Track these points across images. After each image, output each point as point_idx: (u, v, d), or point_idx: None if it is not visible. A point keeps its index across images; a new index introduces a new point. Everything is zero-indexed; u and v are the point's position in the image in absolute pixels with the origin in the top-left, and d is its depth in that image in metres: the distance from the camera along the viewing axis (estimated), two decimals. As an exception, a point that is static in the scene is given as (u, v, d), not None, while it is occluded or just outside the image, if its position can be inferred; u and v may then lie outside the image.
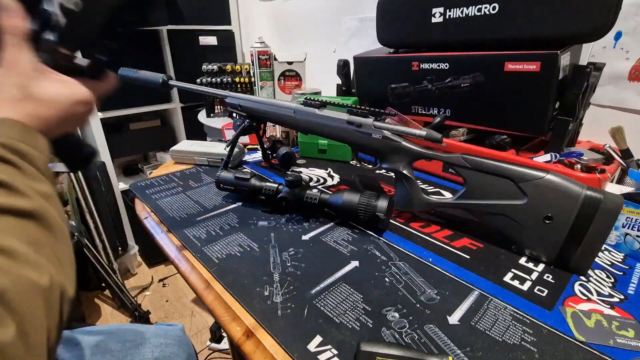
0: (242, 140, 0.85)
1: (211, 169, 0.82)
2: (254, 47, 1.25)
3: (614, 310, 0.42)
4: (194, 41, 1.83)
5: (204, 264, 0.49)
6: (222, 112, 1.55)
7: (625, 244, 0.53)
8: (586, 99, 0.66)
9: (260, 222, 0.59)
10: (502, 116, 0.69)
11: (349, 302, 0.42)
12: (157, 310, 1.58)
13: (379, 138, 0.59)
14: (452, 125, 0.77)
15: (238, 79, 1.53)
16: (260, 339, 0.37)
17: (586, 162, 0.61)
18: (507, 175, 0.49)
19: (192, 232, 0.56)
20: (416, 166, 0.62)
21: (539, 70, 0.61)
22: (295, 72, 1.29)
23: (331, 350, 0.35)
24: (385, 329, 0.38)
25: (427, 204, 0.57)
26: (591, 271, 0.48)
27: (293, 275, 0.46)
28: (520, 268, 0.48)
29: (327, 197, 0.58)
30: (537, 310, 0.41)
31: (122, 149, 1.84)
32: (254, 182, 0.63)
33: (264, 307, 0.41)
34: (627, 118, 0.75)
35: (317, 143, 0.87)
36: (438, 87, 0.75)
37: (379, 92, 0.85)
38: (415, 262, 0.49)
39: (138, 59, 1.71)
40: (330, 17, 1.39)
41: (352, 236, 0.55)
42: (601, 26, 0.56)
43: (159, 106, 1.86)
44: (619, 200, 0.43)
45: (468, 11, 0.68)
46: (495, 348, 0.36)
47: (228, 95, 0.74)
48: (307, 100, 0.66)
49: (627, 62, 0.73)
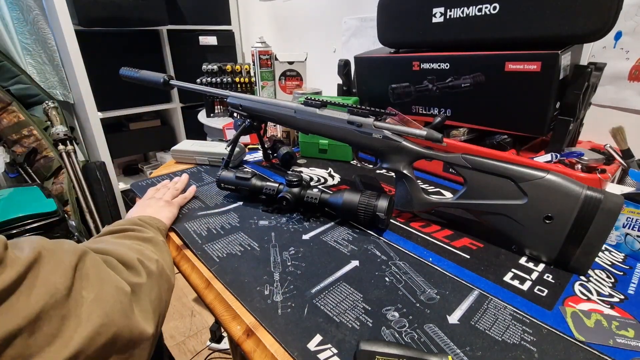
0: (243, 140, 0.85)
1: (212, 168, 0.82)
2: (255, 47, 1.25)
3: (614, 310, 0.42)
4: (194, 41, 1.84)
5: (205, 263, 0.49)
6: (222, 112, 1.55)
7: (625, 244, 0.53)
8: (587, 99, 0.66)
9: (261, 222, 0.59)
10: (503, 116, 0.69)
11: (349, 301, 0.42)
12: (157, 310, 1.58)
13: (380, 138, 0.59)
14: (453, 125, 0.77)
15: (238, 79, 1.53)
16: (260, 338, 0.37)
17: (587, 162, 0.61)
18: (508, 175, 0.49)
19: (192, 227, 0.57)
20: (416, 166, 0.62)
21: (539, 70, 0.61)
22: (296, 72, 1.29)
23: (331, 349, 0.35)
24: (385, 328, 0.38)
25: (427, 204, 0.57)
26: (591, 271, 0.48)
27: (293, 275, 0.46)
28: (520, 268, 0.48)
29: (327, 197, 0.58)
30: (537, 310, 0.41)
31: (122, 149, 1.85)
32: (254, 182, 0.63)
33: (264, 306, 0.41)
34: (628, 118, 0.75)
35: (318, 143, 0.87)
36: (438, 87, 0.75)
37: (380, 92, 0.85)
38: (415, 262, 0.49)
39: (138, 59, 1.72)
40: (330, 17, 1.39)
41: (352, 236, 0.55)
42: (601, 26, 0.56)
43: (159, 106, 1.86)
44: (620, 200, 0.43)
45: (469, 11, 0.68)
46: (495, 348, 0.36)
47: (229, 95, 0.74)
48: (307, 100, 0.66)
49: (627, 62, 0.73)
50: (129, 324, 0.32)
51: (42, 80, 1.63)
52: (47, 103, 1.57)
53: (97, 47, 1.58)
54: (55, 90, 1.67)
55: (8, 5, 1.49)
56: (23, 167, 1.51)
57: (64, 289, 0.27)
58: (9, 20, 1.50)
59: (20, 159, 1.50)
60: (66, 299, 0.27)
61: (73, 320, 0.27)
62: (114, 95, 1.67)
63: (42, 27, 1.57)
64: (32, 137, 1.54)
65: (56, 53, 1.62)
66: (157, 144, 2.00)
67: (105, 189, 1.65)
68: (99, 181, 1.64)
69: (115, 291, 0.32)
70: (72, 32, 1.45)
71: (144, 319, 0.35)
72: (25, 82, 1.56)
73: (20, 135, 1.53)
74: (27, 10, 1.53)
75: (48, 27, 1.58)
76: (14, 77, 1.54)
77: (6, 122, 1.51)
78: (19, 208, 1.16)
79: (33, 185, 1.38)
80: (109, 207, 1.67)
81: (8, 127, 1.52)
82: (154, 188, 0.67)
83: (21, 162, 1.50)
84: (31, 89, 1.58)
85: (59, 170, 1.58)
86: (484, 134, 0.74)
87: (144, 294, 0.37)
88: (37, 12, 1.54)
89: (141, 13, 1.55)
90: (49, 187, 1.52)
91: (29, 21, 1.54)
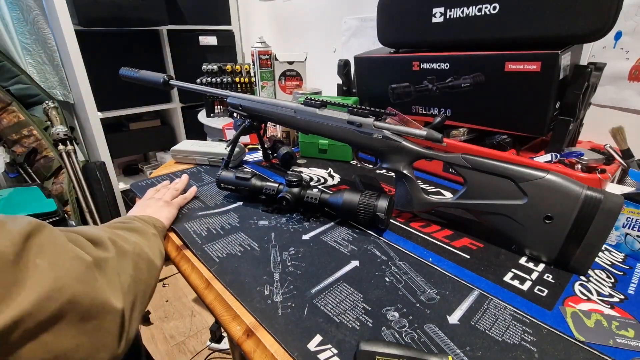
0: (243, 140, 0.85)
1: (212, 168, 0.82)
2: (255, 47, 1.25)
3: (614, 310, 0.42)
4: (194, 41, 1.83)
5: (205, 263, 0.49)
6: (222, 112, 1.55)
7: (625, 244, 0.53)
8: (587, 99, 0.66)
9: (261, 222, 0.59)
10: (503, 116, 0.69)
11: (349, 301, 0.42)
12: (157, 310, 1.58)
13: (380, 138, 0.59)
14: (453, 125, 0.77)
15: (238, 79, 1.53)
16: (260, 338, 0.37)
17: (587, 162, 0.61)
18: (508, 175, 0.49)
19: (192, 227, 0.57)
20: (416, 166, 0.62)
21: (539, 70, 0.61)
22: (295, 72, 1.29)
23: (331, 349, 0.35)
24: (385, 329, 0.38)
25: (427, 204, 0.57)
26: (591, 271, 0.48)
27: (293, 275, 0.46)
28: (520, 268, 0.48)
29: (327, 197, 0.58)
30: (537, 310, 0.41)
31: (122, 149, 1.84)
32: (254, 182, 0.63)
33: (264, 306, 0.41)
34: (628, 118, 0.75)
35: (318, 143, 0.87)
36: (438, 87, 0.75)
37: (380, 92, 0.85)
38: (415, 262, 0.49)
39: (138, 59, 1.72)
40: (330, 17, 1.39)
41: (352, 236, 0.55)
42: (601, 26, 0.56)
43: (159, 106, 1.86)
44: (619, 200, 0.43)
45: (469, 11, 0.68)
46: (495, 348, 0.36)
47: (229, 95, 0.74)
48: (307, 100, 0.66)
49: (627, 62, 0.73)
50: (88, 291, 0.32)
51: (42, 80, 1.63)
52: (47, 103, 1.57)
53: (97, 47, 1.58)
54: (55, 90, 1.67)
55: (8, 5, 1.49)
56: (23, 167, 1.51)
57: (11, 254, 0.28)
58: (9, 20, 1.50)
59: (20, 159, 1.50)
60: (14, 265, 0.28)
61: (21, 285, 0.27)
62: (114, 95, 1.67)
63: (42, 27, 1.57)
64: (32, 137, 1.54)
65: (56, 53, 1.62)
66: (157, 144, 2.00)
67: (105, 189, 1.65)
68: (99, 181, 1.63)
69: (72, 259, 0.32)
70: (72, 32, 1.45)
71: (110, 291, 0.34)
72: (25, 82, 1.56)
73: (20, 135, 1.53)
74: (27, 10, 1.53)
75: (48, 27, 1.58)
76: (14, 77, 1.54)
77: (6, 122, 1.51)
78: (19, 208, 1.17)
79: (33, 185, 1.38)
80: (109, 207, 1.67)
81: (8, 127, 1.52)
82: (153, 189, 0.67)
83: (21, 162, 1.50)
84: (31, 89, 1.58)
85: (59, 170, 1.58)
86: (484, 134, 0.74)
87: (111, 268, 0.36)
88: (37, 12, 1.54)
89: (141, 13, 1.55)
90: (49, 187, 1.52)
91: (29, 21, 1.54)
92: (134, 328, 0.37)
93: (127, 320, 0.36)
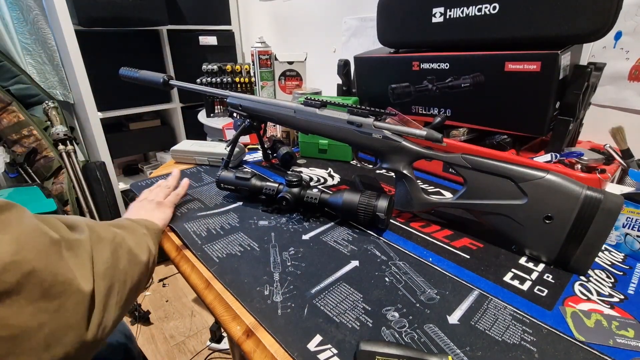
0: (243, 140, 0.85)
1: (212, 168, 0.82)
2: (255, 47, 1.25)
3: (614, 310, 0.42)
4: (194, 41, 1.83)
5: (205, 263, 0.49)
6: (222, 112, 1.55)
7: (625, 244, 0.53)
8: (586, 99, 0.66)
9: (261, 222, 0.59)
10: (503, 116, 0.69)
11: (348, 301, 0.42)
12: (157, 310, 1.58)
13: (380, 138, 0.59)
14: (453, 125, 0.77)
15: (238, 79, 1.53)
16: (260, 338, 0.37)
17: (586, 162, 0.61)
18: (508, 175, 0.49)
19: (192, 228, 0.57)
20: (416, 166, 0.62)
21: (539, 70, 0.61)
22: (295, 72, 1.29)
23: (331, 349, 0.35)
24: (385, 329, 0.38)
25: (427, 204, 0.57)
26: (591, 271, 0.48)
27: (293, 275, 0.46)
28: (520, 268, 0.48)
29: (327, 197, 0.58)
30: (537, 310, 0.41)
31: (122, 149, 1.84)
32: (254, 182, 0.63)
33: (264, 307, 0.41)
34: (628, 118, 0.75)
35: (318, 143, 0.87)
36: (438, 87, 0.75)
37: (380, 92, 0.85)
38: (415, 262, 0.49)
39: (138, 59, 1.72)
40: (330, 17, 1.39)
41: (352, 236, 0.55)
42: (601, 26, 0.56)
43: (159, 106, 1.86)
44: (619, 200, 0.43)
45: (468, 11, 0.68)
46: (495, 348, 0.36)
47: (229, 95, 0.74)
48: (307, 100, 0.66)
49: (627, 62, 0.73)
50: (50, 267, 0.31)
51: (42, 80, 1.63)
52: (47, 103, 1.57)
53: (97, 47, 1.58)
54: (55, 90, 1.67)
55: (8, 5, 1.49)
56: (23, 167, 1.51)
57: None
58: (9, 20, 1.50)
59: (20, 159, 1.50)
60: None
61: None
62: (114, 95, 1.66)
63: (42, 27, 1.57)
64: (32, 137, 1.54)
65: (56, 53, 1.61)
66: (157, 144, 2.00)
67: (105, 189, 1.65)
68: (99, 181, 1.63)
69: (38, 236, 0.32)
70: (72, 32, 1.45)
71: (78, 272, 0.34)
72: (25, 82, 1.56)
73: (20, 135, 1.53)
74: (27, 10, 1.53)
75: (48, 27, 1.58)
76: (14, 77, 1.54)
77: (6, 122, 1.51)
78: (19, 208, 1.16)
79: (33, 185, 1.38)
80: (109, 207, 1.67)
81: (8, 127, 1.52)
82: (148, 189, 0.66)
83: (21, 162, 1.50)
84: (31, 89, 1.58)
85: (59, 170, 1.58)
86: (483, 134, 0.74)
87: (84, 251, 0.36)
88: (37, 12, 1.54)
89: (141, 13, 1.55)
90: (49, 187, 1.53)
91: (29, 21, 1.54)
92: (111, 316, 0.37)
93: (101, 305, 0.35)
